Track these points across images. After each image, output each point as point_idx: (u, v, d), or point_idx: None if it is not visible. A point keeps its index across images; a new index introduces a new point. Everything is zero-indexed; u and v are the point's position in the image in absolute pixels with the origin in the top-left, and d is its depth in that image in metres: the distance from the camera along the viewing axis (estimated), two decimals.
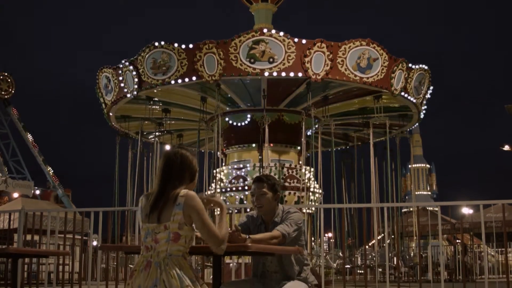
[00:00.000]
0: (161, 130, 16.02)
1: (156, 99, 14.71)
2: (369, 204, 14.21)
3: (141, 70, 12.99)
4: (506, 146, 27.19)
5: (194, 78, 12.55)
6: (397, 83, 13.31)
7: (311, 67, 12.32)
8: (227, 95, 13.97)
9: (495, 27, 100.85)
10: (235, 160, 14.67)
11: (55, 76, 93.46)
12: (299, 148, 14.54)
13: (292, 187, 13.87)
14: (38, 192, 36.03)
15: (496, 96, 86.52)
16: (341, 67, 12.58)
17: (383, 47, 12.92)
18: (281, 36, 12.29)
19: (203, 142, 15.25)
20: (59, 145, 73.76)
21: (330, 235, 24.56)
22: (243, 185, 13.80)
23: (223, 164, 14.60)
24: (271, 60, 12.22)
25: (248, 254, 4.13)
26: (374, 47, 12.82)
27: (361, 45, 12.73)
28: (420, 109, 14.94)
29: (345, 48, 12.59)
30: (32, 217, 9.94)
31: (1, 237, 15.63)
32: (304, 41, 12.36)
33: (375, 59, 12.81)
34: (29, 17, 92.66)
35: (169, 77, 12.68)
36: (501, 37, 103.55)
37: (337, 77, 12.69)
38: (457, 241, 21.32)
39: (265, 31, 12.42)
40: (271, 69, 12.23)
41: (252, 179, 7.35)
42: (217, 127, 13.72)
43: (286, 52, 12.22)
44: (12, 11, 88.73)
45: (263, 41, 12.22)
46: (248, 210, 7.74)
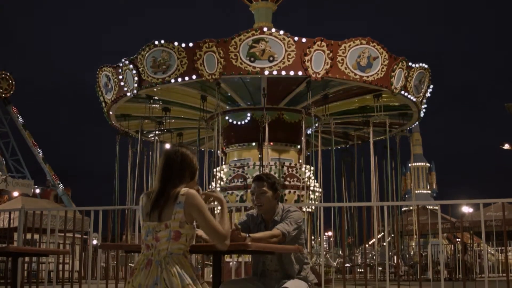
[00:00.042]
0: (161, 128, 16.00)
1: (156, 97, 14.69)
2: (369, 202, 14.18)
3: (141, 68, 12.98)
4: (506, 144, 27.15)
5: (194, 76, 12.54)
6: (397, 81, 13.30)
7: (311, 66, 12.31)
8: (227, 93, 13.96)
9: (495, 27, 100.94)
10: (235, 158, 14.66)
11: (55, 75, 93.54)
12: (299, 146, 14.54)
13: (292, 186, 13.87)
14: (38, 191, 36.07)
15: (496, 96, 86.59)
16: (341, 65, 12.57)
17: (383, 46, 12.91)
18: (281, 34, 12.28)
19: (203, 141, 15.26)
20: (59, 144, 73.86)
21: (330, 233, 24.59)
22: (243, 184, 13.79)
23: (223, 162, 14.59)
24: (271, 58, 12.21)
25: (248, 252, 4.13)
26: (374, 46, 12.81)
27: (361, 43, 12.72)
28: (420, 107, 14.94)
29: (345, 46, 12.58)
30: (32, 216, 9.93)
31: (1, 236, 15.60)
32: (304, 40, 12.35)
33: (375, 58, 12.81)
34: (29, 17, 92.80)
35: (169, 76, 12.67)
36: (501, 37, 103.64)
37: (337, 76, 12.68)
38: (457, 240, 21.29)
39: (265, 29, 12.40)
40: (271, 67, 12.22)
41: (252, 178, 7.35)
42: (217, 126, 13.72)
43: (286, 50, 12.21)
44: (12, 11, 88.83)
45: (263, 39, 12.20)
46: (248, 208, 7.73)
